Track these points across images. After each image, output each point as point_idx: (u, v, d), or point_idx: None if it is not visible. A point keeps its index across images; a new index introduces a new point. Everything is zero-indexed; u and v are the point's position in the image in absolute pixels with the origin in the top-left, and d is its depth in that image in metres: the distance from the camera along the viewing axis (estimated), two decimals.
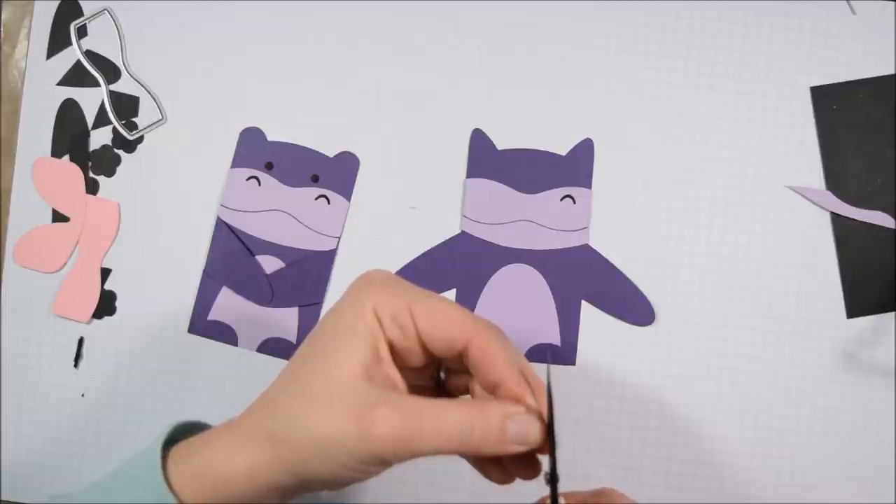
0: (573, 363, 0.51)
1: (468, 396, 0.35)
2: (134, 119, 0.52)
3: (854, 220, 0.51)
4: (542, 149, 0.51)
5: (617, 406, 0.51)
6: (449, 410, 0.30)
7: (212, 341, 0.51)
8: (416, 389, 0.34)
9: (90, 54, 0.52)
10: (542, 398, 0.31)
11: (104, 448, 0.51)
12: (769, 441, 0.50)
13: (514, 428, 0.30)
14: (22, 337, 0.52)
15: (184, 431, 0.34)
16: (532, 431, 0.30)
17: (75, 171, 0.52)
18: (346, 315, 0.32)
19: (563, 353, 0.51)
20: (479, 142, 0.51)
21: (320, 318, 0.33)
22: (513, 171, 0.51)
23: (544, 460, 0.32)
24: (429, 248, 0.51)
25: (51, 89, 0.52)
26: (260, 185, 0.51)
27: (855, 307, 0.51)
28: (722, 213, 0.51)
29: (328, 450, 0.30)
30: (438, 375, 0.36)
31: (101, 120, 0.52)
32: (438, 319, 0.32)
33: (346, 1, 0.52)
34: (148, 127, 0.52)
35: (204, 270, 0.51)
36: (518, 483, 0.34)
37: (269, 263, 0.51)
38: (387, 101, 0.52)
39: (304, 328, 0.51)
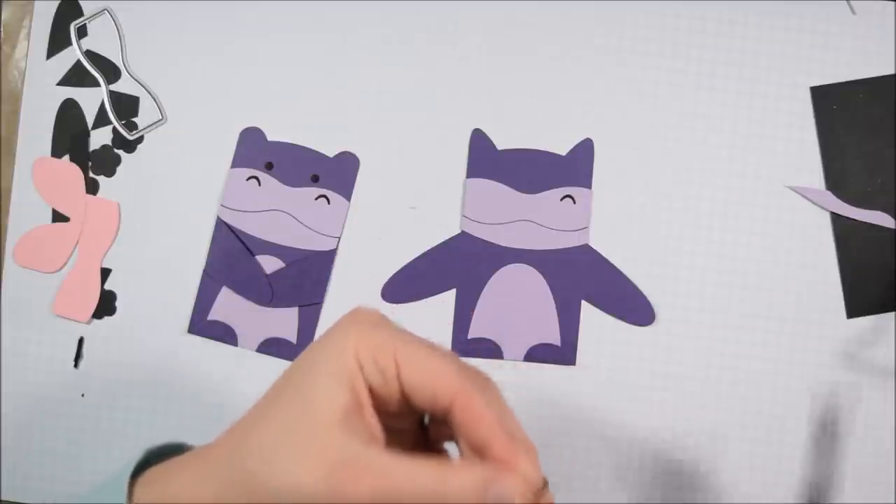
0: (573, 363, 0.51)
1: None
2: (134, 119, 0.52)
3: (854, 220, 0.51)
4: (542, 149, 0.51)
5: (617, 406, 0.51)
6: (424, 475, 0.28)
7: (212, 341, 0.51)
8: (398, 434, 0.32)
9: (90, 54, 0.52)
10: (534, 457, 0.30)
11: (104, 448, 0.51)
12: (769, 441, 0.50)
13: (495, 494, 0.28)
14: (22, 337, 0.52)
15: (162, 454, 0.33)
16: (513, 497, 0.29)
17: (75, 171, 0.52)
18: (325, 353, 0.30)
19: (563, 353, 0.51)
20: (479, 142, 0.51)
21: (302, 352, 0.32)
22: (513, 171, 0.51)
23: None
24: (429, 248, 0.51)
25: (51, 89, 0.52)
26: (260, 185, 0.51)
27: (855, 307, 0.51)
28: (722, 213, 0.51)
29: (294, 500, 0.28)
30: (422, 418, 0.34)
31: (101, 120, 0.52)
32: (423, 370, 0.30)
33: (346, 1, 0.52)
34: (148, 127, 0.52)
35: (204, 270, 0.51)
36: None
37: (269, 263, 0.51)
38: (387, 101, 0.52)
39: (304, 328, 0.51)
